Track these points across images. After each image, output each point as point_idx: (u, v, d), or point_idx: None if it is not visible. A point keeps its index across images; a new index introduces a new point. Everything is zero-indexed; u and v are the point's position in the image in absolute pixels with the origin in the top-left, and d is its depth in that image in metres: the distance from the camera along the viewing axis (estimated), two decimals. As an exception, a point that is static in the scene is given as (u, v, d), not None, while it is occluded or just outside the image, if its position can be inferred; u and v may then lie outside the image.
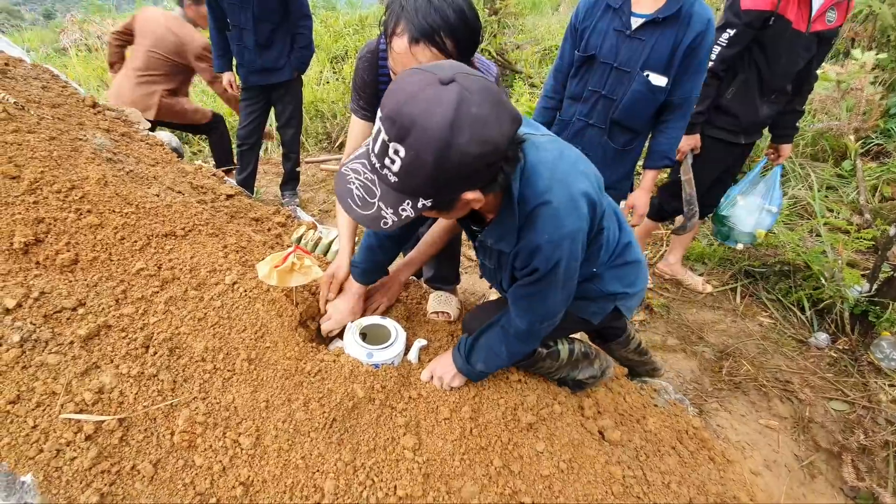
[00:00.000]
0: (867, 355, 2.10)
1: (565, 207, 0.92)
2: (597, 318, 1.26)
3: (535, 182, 0.92)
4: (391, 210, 0.80)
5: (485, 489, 1.08)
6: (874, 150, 3.60)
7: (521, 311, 1.09)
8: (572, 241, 0.95)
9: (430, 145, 0.72)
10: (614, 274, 1.21)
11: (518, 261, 1.00)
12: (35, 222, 1.16)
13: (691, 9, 1.57)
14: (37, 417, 0.97)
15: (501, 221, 0.98)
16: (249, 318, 1.18)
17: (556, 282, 1.00)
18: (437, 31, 1.03)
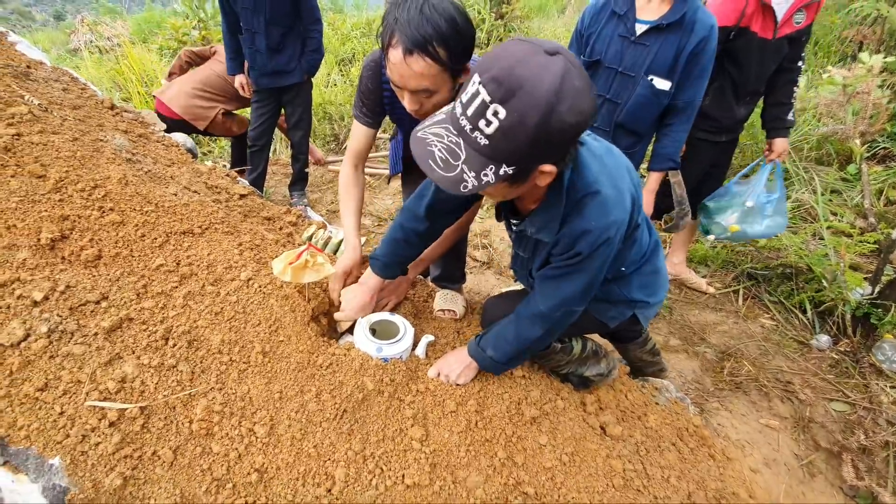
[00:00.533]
0: (868, 357, 2.12)
1: (612, 198, 0.98)
2: (614, 322, 1.30)
3: (585, 173, 0.98)
4: (473, 174, 0.82)
5: (489, 479, 1.12)
6: (881, 154, 3.61)
7: (547, 292, 1.12)
8: (616, 230, 1.00)
9: (536, 108, 0.75)
10: (640, 281, 1.25)
11: (559, 247, 1.04)
12: (60, 219, 1.22)
13: (695, 15, 1.61)
14: (63, 404, 1.02)
15: (546, 209, 1.03)
16: (264, 313, 1.23)
17: (590, 268, 1.05)
18: (430, 41, 1.08)
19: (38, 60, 1.92)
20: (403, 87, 1.17)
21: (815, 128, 3.56)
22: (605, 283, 1.22)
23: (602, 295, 1.25)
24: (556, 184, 0.98)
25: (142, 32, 8.09)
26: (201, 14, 6.63)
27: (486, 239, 3.02)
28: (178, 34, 6.25)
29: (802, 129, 3.54)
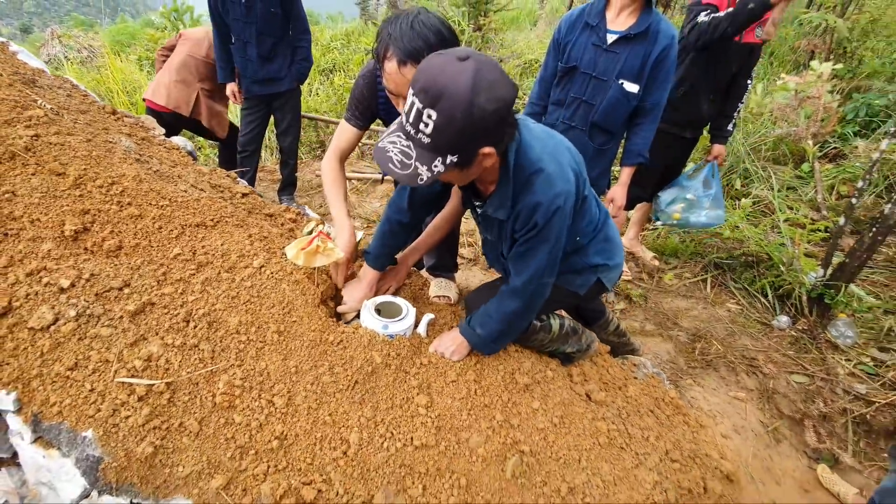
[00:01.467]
0: (824, 334, 2.33)
1: (556, 172, 1.13)
2: (583, 289, 1.45)
3: (528, 153, 1.13)
4: (425, 167, 0.99)
5: (489, 439, 1.24)
6: (832, 153, 3.91)
7: (519, 268, 1.26)
8: (565, 199, 1.14)
9: (458, 105, 0.91)
10: (596, 248, 1.40)
11: (518, 223, 1.19)
12: (82, 213, 1.30)
13: (658, 27, 1.80)
14: (93, 382, 1.10)
15: (499, 190, 1.17)
16: (277, 297, 1.33)
17: (549, 237, 1.19)
18: (421, 52, 1.23)
19: (39, 69, 1.98)
20: (399, 94, 1.32)
21: (771, 130, 3.84)
22: (567, 257, 1.37)
23: (566, 267, 1.40)
24: (503, 165, 1.14)
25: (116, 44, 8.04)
26: (180, 26, 6.66)
27: (472, 237, 3.16)
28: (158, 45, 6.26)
29: (759, 132, 3.82)
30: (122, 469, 1.04)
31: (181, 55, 3.04)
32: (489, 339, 1.36)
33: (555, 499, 1.21)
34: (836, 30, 4.64)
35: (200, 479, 1.07)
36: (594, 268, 1.42)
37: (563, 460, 1.28)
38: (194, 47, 3.03)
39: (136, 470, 1.05)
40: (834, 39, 4.85)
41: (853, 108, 3.95)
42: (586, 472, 1.28)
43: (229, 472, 1.08)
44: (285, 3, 2.81)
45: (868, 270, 2.70)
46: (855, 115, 3.91)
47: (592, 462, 1.30)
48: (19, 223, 1.24)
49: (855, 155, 3.52)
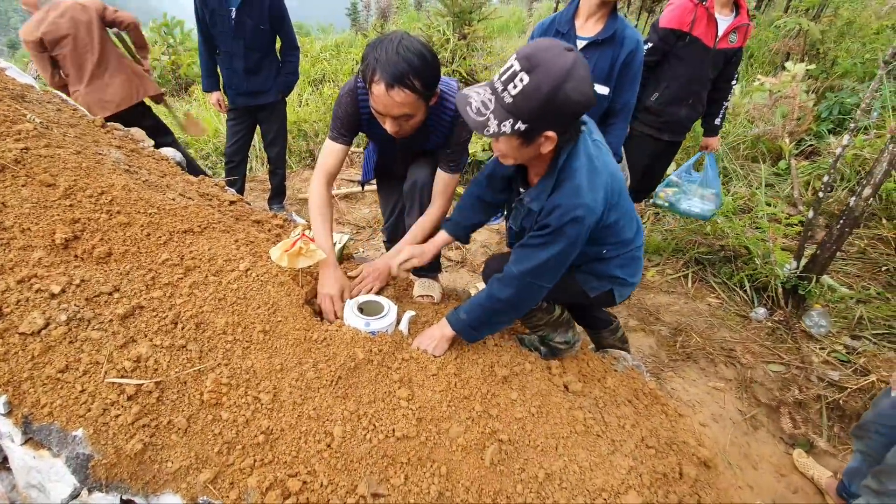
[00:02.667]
0: (800, 324, 2.40)
1: (586, 188, 1.21)
2: (594, 292, 1.50)
3: (573, 162, 1.22)
4: (496, 122, 1.09)
5: (468, 429, 1.29)
6: (808, 151, 4.02)
7: (520, 257, 1.31)
8: (584, 214, 1.19)
9: (549, 80, 1.02)
10: (620, 263, 1.46)
11: (541, 216, 1.26)
12: (72, 222, 1.34)
13: (623, 32, 1.89)
14: (84, 383, 1.14)
15: (541, 183, 1.27)
16: (262, 298, 1.38)
17: (558, 243, 1.24)
18: (406, 75, 1.32)
19: (28, 84, 2.03)
20: (387, 114, 1.41)
21: (748, 129, 3.94)
22: (590, 262, 1.45)
23: (587, 269, 1.47)
24: (553, 161, 1.24)
25: (107, 59, 8.06)
26: (170, 40, 6.73)
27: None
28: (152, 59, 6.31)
29: (737, 132, 3.92)
30: (112, 466, 1.08)
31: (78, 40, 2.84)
32: (471, 325, 1.40)
33: (532, 485, 1.25)
34: (809, 32, 4.78)
35: (189, 473, 1.11)
36: (612, 278, 1.47)
37: (541, 448, 1.33)
38: None
39: (125, 466, 1.09)
40: (807, 41, 5.00)
41: (827, 107, 4.07)
42: (563, 459, 1.33)
43: (217, 466, 1.13)
44: (274, 21, 2.87)
45: (842, 262, 2.79)
46: (829, 114, 4.02)
47: (569, 449, 1.36)
48: (10, 233, 1.29)
49: (829, 152, 3.63)
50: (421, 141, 1.67)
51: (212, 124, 4.84)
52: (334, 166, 1.69)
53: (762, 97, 4.12)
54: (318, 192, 1.66)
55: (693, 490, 1.47)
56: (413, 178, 1.78)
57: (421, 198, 1.77)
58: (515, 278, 1.31)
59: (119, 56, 3.01)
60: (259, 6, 2.77)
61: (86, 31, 2.84)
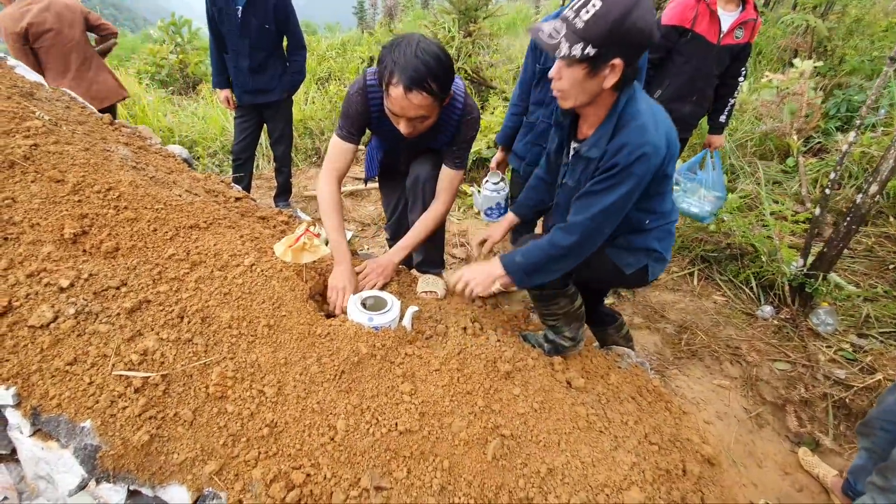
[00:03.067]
0: (806, 322, 2.38)
1: (651, 127, 1.24)
2: (630, 269, 1.50)
3: (636, 104, 1.26)
4: (567, 45, 1.15)
5: (471, 424, 1.30)
6: (816, 148, 3.99)
7: (583, 205, 1.32)
8: (651, 151, 1.22)
9: (619, 6, 1.08)
10: (658, 235, 1.48)
11: (602, 161, 1.28)
12: (80, 217, 1.36)
13: None
14: (92, 375, 1.16)
15: (600, 129, 1.29)
16: (267, 293, 1.39)
17: (624, 182, 1.25)
18: (425, 78, 1.34)
19: (37, 82, 2.06)
20: (403, 115, 1.42)
21: (756, 126, 3.91)
22: (629, 234, 1.46)
23: (624, 242, 1.48)
24: (613, 105, 1.27)
25: (115, 58, 8.17)
26: (178, 39, 6.78)
27: (463, 238, 3.23)
28: (157, 58, 6.37)
29: (745, 128, 3.89)
30: (119, 457, 1.10)
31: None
32: (525, 269, 1.40)
33: (535, 479, 1.26)
34: (816, 30, 4.74)
35: (194, 465, 1.13)
36: (649, 252, 1.48)
37: (543, 443, 1.33)
38: None
39: (132, 458, 1.10)
40: (815, 39, 4.95)
41: (835, 105, 4.03)
42: (565, 454, 1.33)
43: (222, 458, 1.14)
44: (279, 20, 2.89)
45: (849, 260, 2.76)
46: (837, 111, 3.98)
47: (571, 445, 1.36)
48: (19, 228, 1.31)
49: (837, 149, 3.59)
50: (428, 139, 1.67)
51: (219, 122, 4.88)
52: (344, 165, 1.68)
53: (770, 94, 4.09)
54: (328, 192, 1.64)
55: (696, 487, 1.47)
56: (416, 174, 1.78)
57: (424, 194, 1.77)
58: (580, 224, 1.32)
59: (98, 56, 3.11)
60: (264, 6, 2.78)
61: (69, 28, 2.93)
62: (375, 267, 1.68)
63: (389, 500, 1.14)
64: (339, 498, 1.12)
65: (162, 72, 6.64)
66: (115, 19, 54.79)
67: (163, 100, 5.69)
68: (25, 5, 2.85)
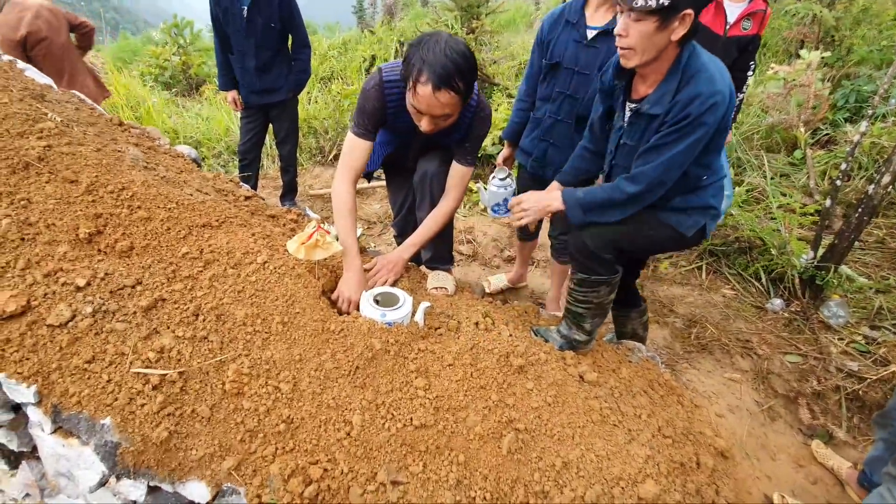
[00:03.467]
0: (817, 315, 2.37)
1: (719, 78, 1.28)
2: (690, 231, 1.52)
3: (699, 57, 1.31)
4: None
5: (485, 418, 1.30)
6: (823, 140, 3.96)
7: (650, 158, 1.35)
8: (721, 101, 1.26)
9: None
10: (714, 192, 1.51)
11: (670, 115, 1.30)
12: (95, 217, 1.38)
13: None
14: (110, 373, 1.17)
15: (663, 85, 1.32)
16: (280, 290, 1.40)
17: (693, 133, 1.29)
18: (453, 76, 1.34)
19: (47, 85, 2.07)
20: (428, 113, 1.42)
21: (762, 119, 3.89)
22: (687, 194, 1.48)
23: (682, 203, 1.49)
24: (676, 60, 1.30)
25: (119, 61, 8.21)
26: (181, 41, 6.80)
27: (470, 234, 3.23)
28: (160, 60, 6.40)
29: (751, 121, 3.87)
30: (139, 453, 1.11)
31: None
32: (583, 206, 1.46)
33: (550, 473, 1.26)
34: (822, 19, 4.69)
35: (213, 461, 1.14)
36: (707, 209, 1.51)
37: (558, 437, 1.33)
38: None
39: (152, 454, 1.12)
40: (822, 29, 4.90)
41: (843, 95, 4.00)
42: (580, 448, 1.33)
43: (240, 454, 1.15)
44: (284, 18, 2.89)
45: (860, 252, 2.74)
46: (845, 102, 3.95)
47: (586, 438, 1.36)
48: (35, 228, 1.32)
49: (846, 140, 3.56)
50: (442, 135, 1.67)
51: (223, 123, 4.89)
52: (360, 163, 1.66)
53: (776, 86, 4.05)
54: (343, 192, 1.62)
55: (711, 479, 1.47)
56: (423, 171, 1.79)
57: (431, 190, 1.77)
58: (645, 174, 1.36)
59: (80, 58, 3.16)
60: (269, 5, 2.79)
61: (58, 35, 2.99)
62: (386, 263, 1.68)
63: (406, 495, 1.15)
64: (357, 492, 1.13)
65: (165, 74, 6.67)
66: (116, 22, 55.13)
67: (167, 101, 5.72)
68: (15, 13, 2.87)
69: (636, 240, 1.52)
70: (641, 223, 1.50)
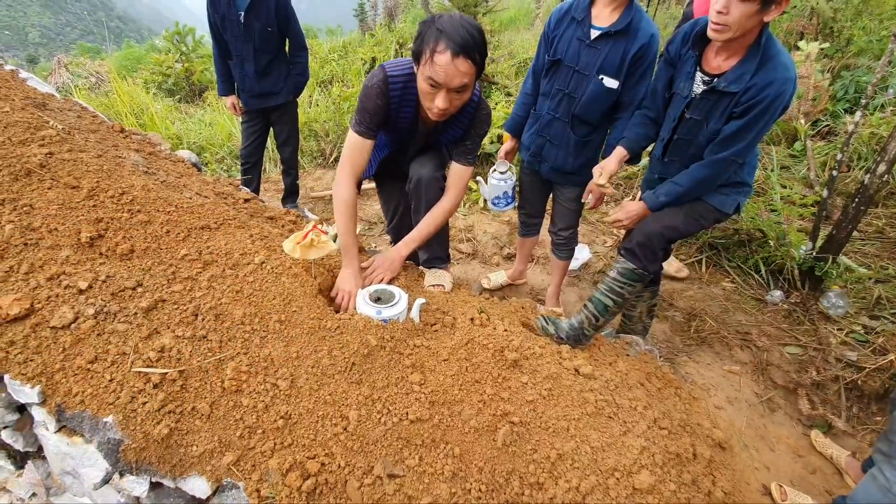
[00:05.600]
0: (817, 306, 2.37)
1: (790, 65, 1.38)
2: (730, 208, 1.66)
3: (775, 43, 1.40)
4: None
5: (480, 412, 1.32)
6: (824, 131, 3.94)
7: (727, 144, 1.48)
8: (792, 87, 1.36)
9: None
10: (749, 169, 1.63)
11: (746, 95, 1.39)
12: (96, 221, 1.41)
13: (638, 25, 1.81)
14: (112, 373, 1.20)
15: (743, 63, 1.41)
16: (277, 289, 1.42)
17: (765, 117, 1.40)
18: (471, 46, 1.37)
19: (49, 93, 2.11)
20: (447, 85, 1.40)
21: (762, 112, 3.86)
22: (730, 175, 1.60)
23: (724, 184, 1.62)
24: (756, 41, 1.37)
25: (122, 69, 8.30)
26: (183, 48, 6.88)
27: (469, 233, 3.24)
28: (162, 68, 6.47)
29: (751, 114, 3.84)
30: (141, 450, 1.14)
31: None
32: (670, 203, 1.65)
33: (545, 465, 1.28)
34: (820, 11, 4.65)
35: (213, 456, 1.17)
36: (741, 185, 1.63)
37: (552, 429, 1.35)
38: None
39: (153, 450, 1.14)
40: (820, 20, 4.87)
41: (842, 86, 3.97)
42: (575, 440, 1.34)
43: (239, 449, 1.18)
44: (281, 22, 2.93)
45: (859, 242, 2.73)
46: (845, 93, 3.93)
47: (581, 430, 1.37)
48: (38, 233, 1.36)
49: (845, 132, 3.54)
50: (441, 131, 1.68)
51: (225, 128, 4.95)
52: (362, 162, 1.64)
53: (775, 79, 4.03)
54: (343, 191, 1.60)
55: (708, 470, 1.48)
56: (417, 177, 1.78)
57: (427, 194, 1.78)
58: (721, 161, 1.50)
59: None
60: (265, 8, 2.82)
61: None
62: (383, 262, 1.70)
63: (402, 487, 1.17)
64: (354, 486, 1.15)
65: (168, 80, 6.75)
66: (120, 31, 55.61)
67: (170, 108, 5.78)
68: None
69: (691, 226, 1.67)
70: (694, 208, 1.65)
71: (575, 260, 2.70)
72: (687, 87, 1.57)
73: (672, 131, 1.68)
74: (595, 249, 3.04)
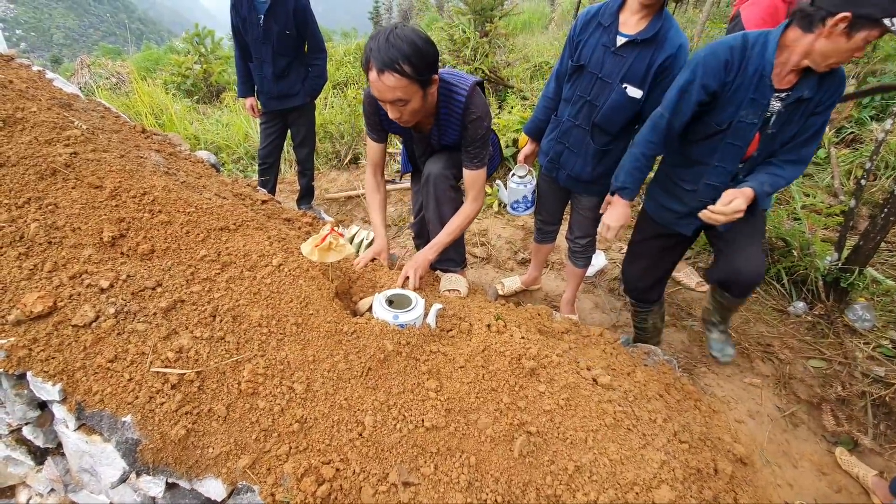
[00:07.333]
0: (842, 318, 2.30)
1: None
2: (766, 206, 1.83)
3: None
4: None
5: (497, 420, 1.30)
6: (849, 139, 3.84)
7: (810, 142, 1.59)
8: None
9: None
10: None
11: (823, 94, 1.52)
12: (118, 221, 1.42)
13: (666, 34, 1.75)
14: (132, 372, 1.21)
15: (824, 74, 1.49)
16: (295, 292, 1.42)
17: (829, 112, 1.55)
18: (395, 60, 1.40)
19: (74, 94, 2.15)
20: (383, 100, 1.49)
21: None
22: None
23: None
24: None
25: (143, 70, 8.46)
26: (202, 49, 6.98)
27: (483, 237, 3.22)
28: (182, 69, 6.57)
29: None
30: (158, 450, 1.14)
31: None
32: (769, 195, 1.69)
33: (562, 476, 1.25)
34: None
35: (228, 459, 1.16)
36: None
37: (570, 440, 1.32)
38: None
39: (170, 451, 1.14)
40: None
41: (869, 93, 3.87)
42: (593, 452, 1.32)
43: (255, 452, 1.17)
44: (299, 25, 2.96)
45: (887, 253, 2.65)
46: (871, 100, 3.83)
47: (599, 442, 1.34)
48: (62, 232, 1.37)
49: (871, 139, 3.45)
50: (436, 135, 1.72)
51: (242, 129, 5.00)
52: (379, 160, 1.92)
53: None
54: (369, 181, 1.94)
55: (729, 486, 1.43)
56: (427, 173, 1.83)
57: (435, 191, 1.80)
58: (808, 157, 1.63)
59: None
60: (284, 11, 2.85)
61: None
62: (412, 264, 1.71)
63: (417, 496, 1.15)
64: (368, 492, 1.13)
65: (187, 82, 6.85)
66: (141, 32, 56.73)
67: (189, 108, 5.87)
68: None
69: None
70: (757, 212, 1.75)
71: (591, 266, 2.66)
72: (751, 113, 1.59)
73: (738, 160, 1.69)
74: (611, 256, 2.99)
